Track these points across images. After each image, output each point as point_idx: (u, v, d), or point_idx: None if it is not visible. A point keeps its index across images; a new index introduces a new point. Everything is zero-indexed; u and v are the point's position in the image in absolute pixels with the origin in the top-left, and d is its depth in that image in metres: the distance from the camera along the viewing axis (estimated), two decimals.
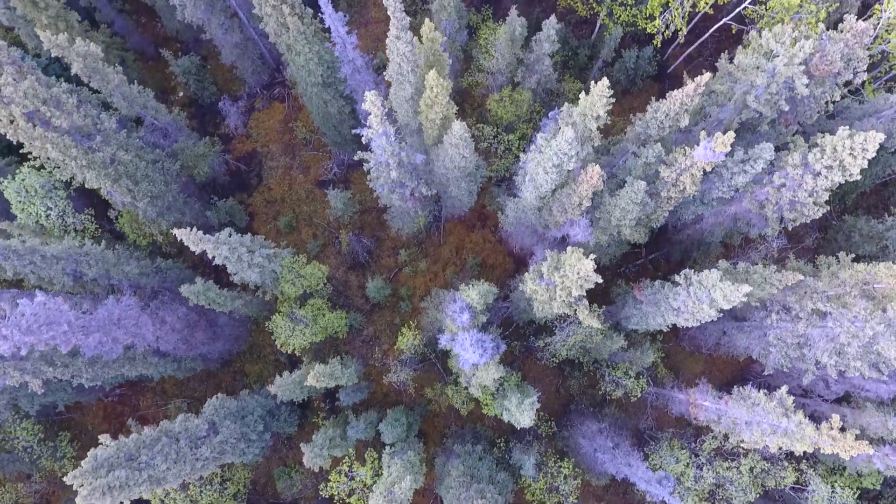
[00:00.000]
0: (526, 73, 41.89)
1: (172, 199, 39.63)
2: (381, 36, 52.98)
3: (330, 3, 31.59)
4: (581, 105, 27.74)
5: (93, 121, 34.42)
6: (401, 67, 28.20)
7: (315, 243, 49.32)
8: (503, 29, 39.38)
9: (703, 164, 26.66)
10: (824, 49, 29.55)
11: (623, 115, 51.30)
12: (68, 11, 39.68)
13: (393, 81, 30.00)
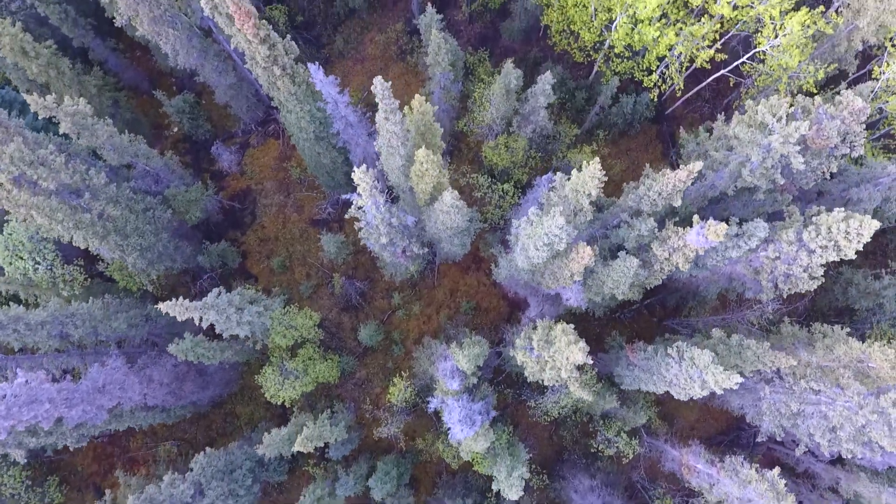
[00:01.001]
0: (521, 122, 41.46)
1: (163, 248, 39.27)
2: (378, 72, 52.73)
3: (321, 67, 31.18)
4: (573, 181, 27.35)
5: (81, 176, 34.03)
6: (390, 143, 27.82)
7: (308, 284, 48.94)
8: (498, 81, 38.93)
9: (695, 248, 26.25)
10: (821, 122, 29.13)
11: (620, 156, 50.93)
12: (59, 58, 39.29)
13: (383, 152, 29.61)
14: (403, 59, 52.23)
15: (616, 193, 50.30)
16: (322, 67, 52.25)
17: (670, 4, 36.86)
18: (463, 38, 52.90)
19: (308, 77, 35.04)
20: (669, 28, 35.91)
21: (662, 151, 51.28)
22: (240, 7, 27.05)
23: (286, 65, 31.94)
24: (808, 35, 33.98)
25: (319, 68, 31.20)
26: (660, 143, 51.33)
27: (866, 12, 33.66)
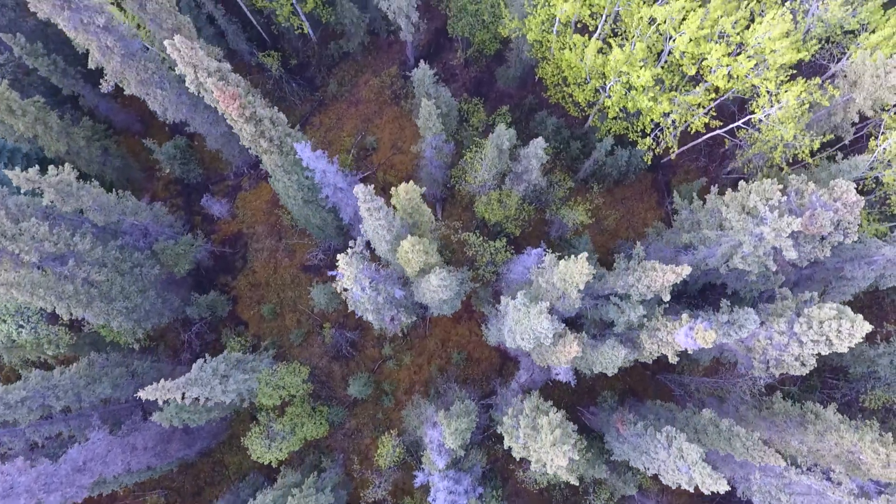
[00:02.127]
0: (514, 180, 40.99)
1: (149, 306, 38.85)
2: (372, 116, 52.35)
3: (307, 144, 30.73)
4: (562, 270, 26.88)
5: (66, 242, 33.64)
6: (376, 231, 27.33)
7: (299, 332, 48.50)
8: (490, 142, 38.45)
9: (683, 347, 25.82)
10: (814, 208, 28.69)
11: (615, 205, 50.45)
12: (47, 113, 38.84)
13: (369, 234, 29.15)
14: (398, 102, 51.77)
15: (610, 243, 49.97)
16: (316, 111, 52.17)
17: (664, 70, 36.40)
18: (458, 82, 52.46)
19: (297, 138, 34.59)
20: (663, 96, 35.45)
21: (658, 200, 50.80)
22: (223, 92, 26.60)
23: (273, 137, 31.48)
24: (804, 108, 33.51)
25: (306, 145, 30.76)
26: (655, 191, 50.85)
27: (863, 87, 33.19)
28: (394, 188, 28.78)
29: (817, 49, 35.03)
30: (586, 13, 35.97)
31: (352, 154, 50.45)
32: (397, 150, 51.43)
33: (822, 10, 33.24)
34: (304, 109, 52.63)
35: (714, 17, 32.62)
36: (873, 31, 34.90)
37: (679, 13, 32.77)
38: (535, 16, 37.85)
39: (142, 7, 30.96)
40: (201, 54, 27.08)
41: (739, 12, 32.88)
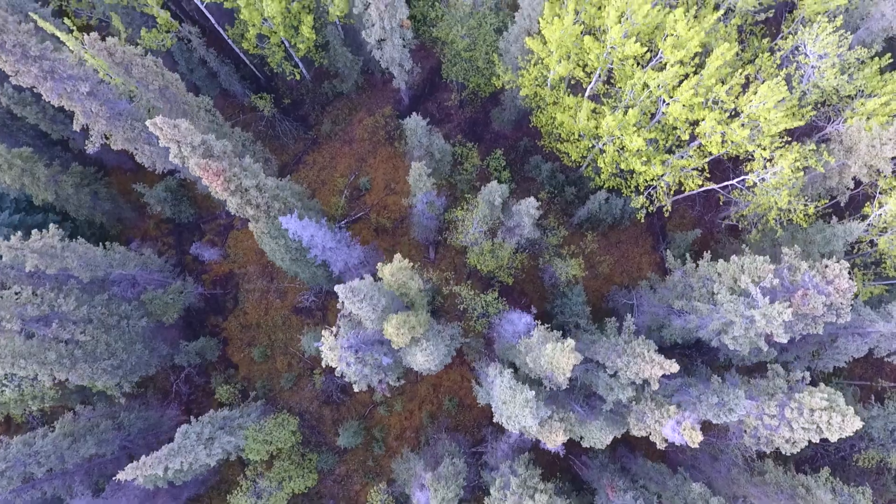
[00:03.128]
0: (507, 234, 40.51)
1: (135, 360, 38.44)
2: (366, 155, 51.94)
3: (293, 215, 30.27)
4: (549, 354, 26.46)
5: (50, 303, 33.28)
6: (362, 311, 26.86)
7: (289, 375, 48.13)
8: (482, 198, 37.98)
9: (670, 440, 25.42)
10: (806, 287, 28.26)
11: (610, 249, 50.04)
12: (34, 164, 38.45)
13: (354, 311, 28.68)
14: (391, 142, 51.31)
15: (604, 288, 49.53)
16: (309, 150, 51.68)
17: (657, 130, 35.94)
18: (453, 122, 52.02)
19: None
20: (656, 158, 35.02)
21: (653, 244, 50.36)
22: (207, 170, 26.18)
23: (260, 204, 31.06)
24: (799, 175, 33.07)
25: (292, 216, 30.31)
26: (650, 235, 50.40)
27: (858, 154, 32.75)
28: (379, 265, 28.32)
29: (813, 114, 34.53)
30: (579, 72, 35.52)
31: (344, 196, 50.03)
32: (391, 191, 51.01)
33: (819, 77, 32.77)
34: (298, 148, 52.21)
35: (708, 84, 32.17)
36: (870, 94, 34.44)
37: (673, 79, 32.33)
38: (528, 71, 37.40)
39: (127, 71, 30.50)
40: (184, 128, 26.63)
41: (734, 79, 32.42)
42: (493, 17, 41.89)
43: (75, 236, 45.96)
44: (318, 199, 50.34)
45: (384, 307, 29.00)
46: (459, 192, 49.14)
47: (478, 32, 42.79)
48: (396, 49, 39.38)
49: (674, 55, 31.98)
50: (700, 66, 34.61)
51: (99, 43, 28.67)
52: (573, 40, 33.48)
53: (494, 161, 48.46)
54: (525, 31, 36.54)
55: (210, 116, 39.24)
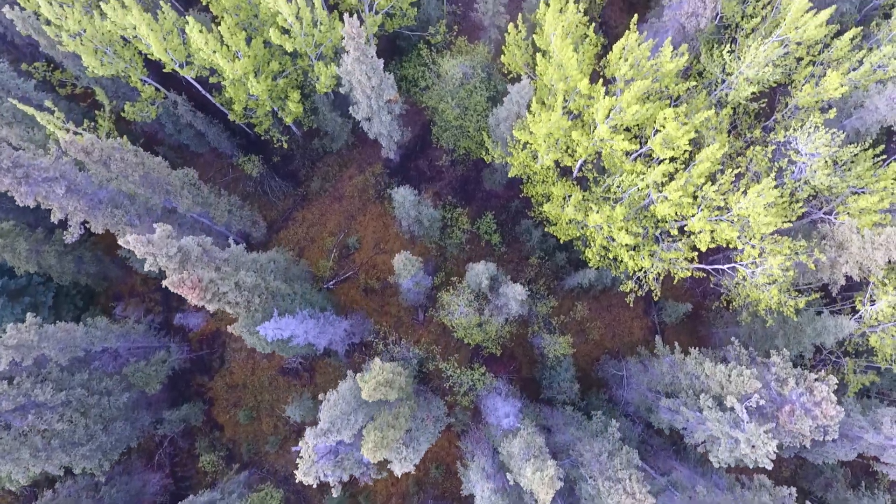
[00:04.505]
0: (494, 311, 39.99)
1: (116, 439, 37.95)
2: (355, 212, 51.38)
3: (277, 315, 29.72)
4: (528, 477, 25.94)
5: (26, 394, 32.78)
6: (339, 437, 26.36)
7: (275, 438, 47.69)
8: (466, 286, 37.53)
9: None
10: (794, 403, 27.75)
11: (601, 312, 49.55)
12: (14, 238, 38.00)
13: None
14: (381, 200, 50.76)
15: (595, 353, 49.02)
16: (298, 206, 51.14)
17: (647, 219, 35.38)
18: (444, 180, 51.43)
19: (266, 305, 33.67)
20: (644, 249, 34.48)
21: (644, 309, 49.83)
22: (181, 285, 25.65)
23: (240, 302, 30.52)
24: (789, 273, 32.51)
25: (276, 317, 29.76)
26: (642, 300, 49.81)
27: (850, 252, 32.18)
28: (359, 375, 27.79)
29: (803, 210, 33.96)
30: (568, 160, 34.99)
31: (333, 256, 49.46)
32: (380, 251, 50.46)
33: (810, 174, 32.22)
34: (287, 204, 51.63)
35: (697, 182, 31.62)
36: (863, 188, 33.86)
37: (662, 177, 31.79)
38: (516, 152, 36.86)
39: (106, 167, 29.96)
40: (158, 239, 26.12)
41: (725, 176, 31.87)
42: (483, 89, 41.31)
43: (58, 302, 45.65)
44: (305, 260, 49.88)
45: (363, 420, 28.52)
46: (449, 255, 48.65)
47: (468, 102, 42.21)
48: (384, 125, 38.85)
49: (663, 153, 31.45)
50: (691, 157, 34.06)
51: (76, 144, 28.14)
52: (561, 134, 32.94)
53: (485, 224, 47.92)
54: (514, 115, 35.97)
55: (195, 191, 38.71)
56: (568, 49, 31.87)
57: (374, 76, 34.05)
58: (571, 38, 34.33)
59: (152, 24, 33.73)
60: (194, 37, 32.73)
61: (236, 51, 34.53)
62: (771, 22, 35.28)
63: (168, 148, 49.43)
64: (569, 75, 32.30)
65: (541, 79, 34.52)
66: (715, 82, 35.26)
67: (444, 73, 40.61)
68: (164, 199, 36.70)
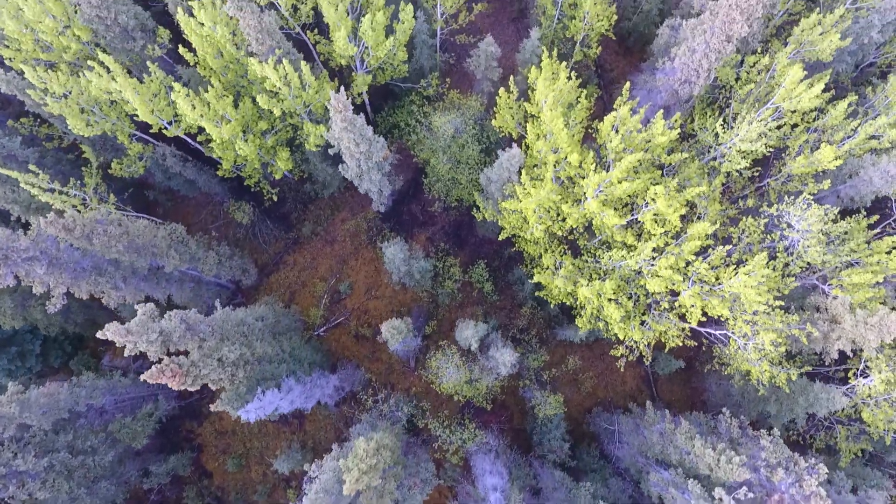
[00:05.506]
0: (482, 373, 39.63)
1: (101, 500, 37.58)
2: (347, 257, 50.99)
3: (264, 390, 29.36)
4: None
5: (6, 464, 32.41)
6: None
7: (264, 487, 47.40)
8: (452, 353, 37.16)
9: None
10: (782, 493, 27.35)
11: (594, 360, 49.15)
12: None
13: None
14: (374, 244, 50.34)
15: (587, 402, 48.63)
16: (290, 249, 50.73)
17: (637, 287, 34.96)
18: (437, 225, 50.99)
19: None
20: (635, 320, 34.08)
21: (638, 358, 49.37)
22: (161, 375, 25.26)
23: (223, 378, 30.13)
24: (781, 349, 32.11)
25: (259, 395, 29.39)
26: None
27: (843, 329, 31.77)
28: (342, 462, 27.38)
29: (796, 286, 33.54)
30: (557, 228, 34.60)
31: (324, 302, 49.06)
32: (372, 296, 50.06)
33: (803, 250, 31.80)
34: (279, 247, 51.23)
35: (688, 258, 31.21)
36: (857, 261, 33.43)
37: (651, 254, 31.39)
38: (507, 215, 36.47)
39: (89, 240, 29.55)
40: (137, 328, 25.74)
41: (716, 252, 31.48)
42: (475, 143, 40.92)
43: (46, 349, 45.32)
44: (296, 305, 49.53)
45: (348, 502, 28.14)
46: (441, 303, 48.24)
47: (460, 155, 41.82)
48: (374, 183, 38.47)
49: (654, 228, 31.05)
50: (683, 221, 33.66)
51: (56, 223, 27.77)
52: (551, 205, 32.55)
53: (477, 273, 47.51)
54: (504, 179, 35.57)
55: (182, 248, 38.31)
56: (558, 120, 31.45)
57: (363, 143, 33.67)
58: (562, 105, 33.94)
59: (138, 87, 33.32)
60: (180, 102, 32.30)
61: (224, 114, 34.11)
62: (765, 86, 34.86)
63: (159, 192, 49.06)
64: (559, 147, 31.89)
65: (531, 147, 34.11)
66: (707, 148, 34.83)
67: (436, 129, 40.19)
68: (151, 259, 36.28)
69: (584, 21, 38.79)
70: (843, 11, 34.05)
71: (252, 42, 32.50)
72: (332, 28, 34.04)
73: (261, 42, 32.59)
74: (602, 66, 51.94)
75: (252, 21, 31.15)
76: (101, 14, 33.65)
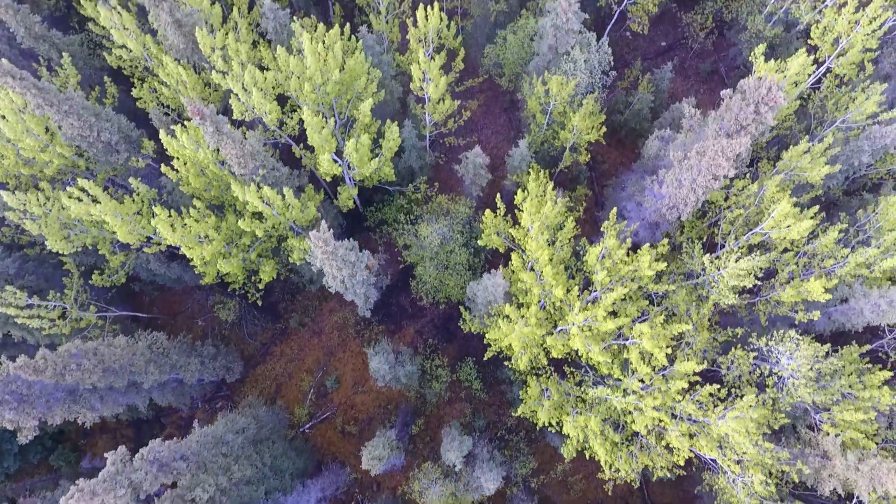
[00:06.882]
0: (467, 490, 38.57)
1: None
2: (334, 348, 50.25)
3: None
4: None
5: None
6: None
7: None
8: (439, 468, 36.20)
9: None
10: None
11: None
12: None
13: None
14: (361, 337, 49.64)
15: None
16: (277, 340, 50.02)
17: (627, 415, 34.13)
18: (426, 318, 50.35)
19: None
20: (623, 450, 33.19)
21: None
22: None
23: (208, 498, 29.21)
24: (770, 489, 31.14)
25: None
26: None
27: (834, 469, 30.84)
28: None
29: (787, 422, 32.71)
30: (543, 359, 33.97)
31: (309, 398, 48.18)
32: (359, 391, 49.19)
33: (793, 390, 31.04)
34: (265, 337, 50.52)
35: (675, 396, 30.48)
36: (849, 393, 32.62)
37: (639, 395, 30.65)
38: (491, 337, 35.82)
39: (62, 377, 28.84)
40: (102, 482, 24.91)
41: (704, 389, 30.74)
42: (464, 252, 40.48)
43: (26, 446, 44.41)
44: (282, 400, 48.68)
45: None
46: (429, 401, 47.34)
47: (448, 261, 41.35)
48: (359, 297, 37.95)
49: (640, 367, 30.37)
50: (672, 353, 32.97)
51: (26, 367, 27.16)
52: (536, 337, 31.95)
53: (465, 372, 46.71)
54: (487, 301, 35.02)
55: (163, 359, 37.65)
56: (544, 253, 31.03)
57: (346, 267, 33.22)
58: (549, 228, 33.55)
59: (119, 208, 32.95)
60: (161, 227, 31.89)
61: (205, 235, 33.70)
62: (754, 209, 34.48)
63: (145, 283, 48.54)
64: (544, 279, 31.39)
65: (516, 272, 33.64)
66: (695, 273, 34.31)
67: (423, 238, 39.78)
68: (129, 377, 35.57)
69: (573, 132, 38.62)
70: (832, 140, 33.84)
71: (234, 166, 32.25)
72: (317, 150, 33.82)
73: (243, 165, 32.34)
74: (594, 157, 51.77)
75: (234, 150, 30.92)
76: (84, 133, 33.45)
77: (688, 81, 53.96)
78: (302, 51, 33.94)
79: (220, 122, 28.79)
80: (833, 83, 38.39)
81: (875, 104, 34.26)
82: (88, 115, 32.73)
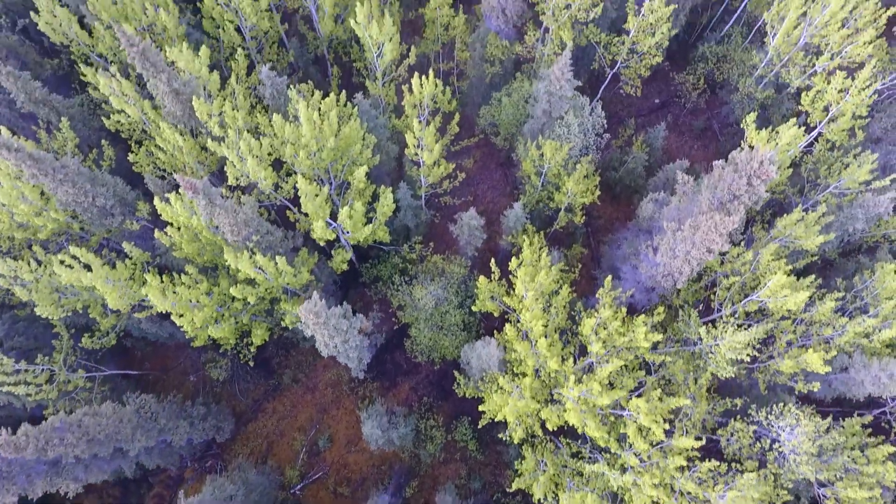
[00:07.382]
0: None
1: None
2: (328, 405, 49.43)
3: None
4: None
5: None
6: None
7: None
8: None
9: None
10: None
11: None
12: None
13: None
14: (354, 394, 48.87)
15: None
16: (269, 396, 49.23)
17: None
18: (422, 374, 49.72)
19: None
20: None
21: None
22: None
23: None
24: None
25: None
26: None
27: None
28: None
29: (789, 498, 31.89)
30: (538, 429, 33.30)
31: (301, 459, 47.15)
32: (352, 449, 48.19)
33: (794, 466, 30.31)
34: (258, 393, 49.72)
35: (673, 473, 29.72)
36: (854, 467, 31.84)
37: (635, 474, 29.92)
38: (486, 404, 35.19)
39: (44, 452, 28.14)
40: None
41: (704, 465, 30.00)
42: (459, 315, 40.13)
43: None
44: (273, 458, 47.67)
45: None
46: (424, 461, 46.34)
47: (442, 322, 40.96)
48: (352, 360, 37.43)
49: (638, 443, 29.73)
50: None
51: (7, 445, 26.50)
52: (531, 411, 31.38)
53: (461, 432, 45.84)
54: (482, 369, 34.54)
55: (150, 424, 36.90)
56: (538, 324, 30.71)
57: (338, 335, 32.82)
58: (543, 294, 33.29)
59: (111, 274, 32.70)
60: (153, 295, 31.59)
61: (197, 300, 33.38)
62: (750, 275, 34.27)
63: (136, 339, 48.03)
64: (538, 349, 30.99)
65: (511, 342, 33.26)
66: (692, 340, 33.92)
67: (417, 300, 39.48)
68: (115, 444, 34.80)
69: (568, 194, 38.70)
70: (826, 209, 33.87)
71: (227, 234, 32.14)
72: (312, 217, 33.77)
73: (236, 233, 32.22)
74: (589, 213, 51.85)
75: (227, 219, 30.85)
76: (79, 199, 33.44)
77: (682, 138, 54.43)
78: (298, 118, 34.20)
79: (213, 194, 28.79)
80: (825, 147, 38.64)
81: (867, 172, 34.40)
82: (84, 181, 32.78)
